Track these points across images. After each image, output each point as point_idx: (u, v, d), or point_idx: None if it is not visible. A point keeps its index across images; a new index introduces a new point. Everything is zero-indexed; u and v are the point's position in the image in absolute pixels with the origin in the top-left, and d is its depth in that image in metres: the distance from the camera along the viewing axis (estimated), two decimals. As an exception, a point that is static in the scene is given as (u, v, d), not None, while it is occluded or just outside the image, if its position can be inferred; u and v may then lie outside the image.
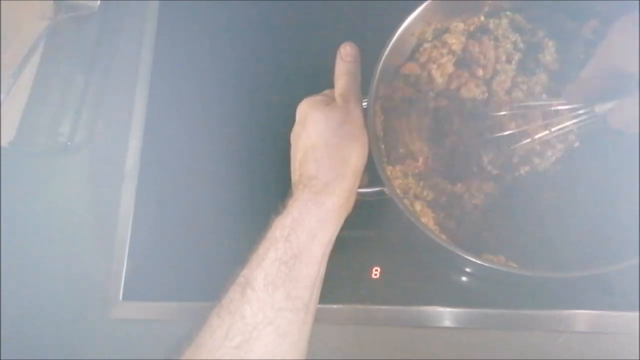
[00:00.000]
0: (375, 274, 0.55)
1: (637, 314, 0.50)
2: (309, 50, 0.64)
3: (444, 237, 0.47)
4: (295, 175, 0.47)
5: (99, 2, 0.68)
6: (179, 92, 0.67)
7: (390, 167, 0.50)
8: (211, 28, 0.68)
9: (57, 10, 0.67)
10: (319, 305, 0.44)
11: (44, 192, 0.68)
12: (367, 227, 0.56)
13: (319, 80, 0.52)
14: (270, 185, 0.59)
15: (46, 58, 0.67)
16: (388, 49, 0.49)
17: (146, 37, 0.69)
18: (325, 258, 0.44)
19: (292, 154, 0.49)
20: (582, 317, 0.51)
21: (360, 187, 0.47)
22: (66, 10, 0.68)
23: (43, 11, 0.67)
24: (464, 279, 0.54)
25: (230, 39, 0.67)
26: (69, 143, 0.67)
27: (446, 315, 0.53)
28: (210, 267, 0.59)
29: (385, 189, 0.46)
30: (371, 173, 0.48)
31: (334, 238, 0.44)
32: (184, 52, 0.68)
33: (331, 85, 0.50)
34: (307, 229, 0.42)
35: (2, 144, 0.65)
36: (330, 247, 0.44)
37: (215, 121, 0.65)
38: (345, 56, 0.50)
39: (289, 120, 0.50)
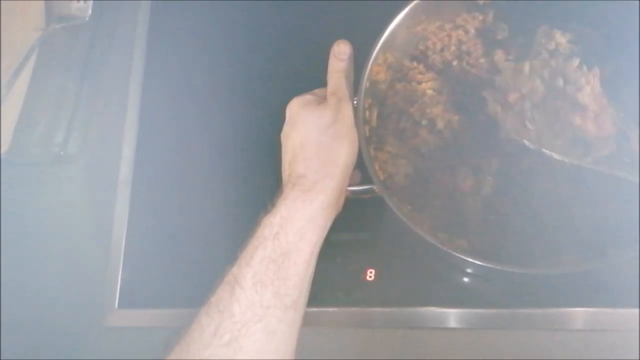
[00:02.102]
0: (370, 276, 0.55)
1: (637, 310, 0.49)
2: (299, 50, 0.64)
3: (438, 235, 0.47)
4: (284, 175, 0.47)
5: (90, 11, 0.69)
6: (171, 99, 0.67)
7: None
8: (203, 35, 0.69)
9: (48, 21, 0.68)
10: (315, 309, 0.44)
11: (39, 202, 0.68)
12: (360, 229, 0.56)
13: (309, 80, 0.51)
14: (265, 189, 0.58)
15: (38, 69, 0.67)
16: (378, 46, 0.49)
17: (138, 45, 0.69)
18: (314, 256, 0.43)
19: (282, 153, 0.48)
20: (579, 314, 0.50)
21: (351, 185, 0.47)
22: (58, 20, 0.68)
23: (35, 22, 0.67)
24: (459, 278, 0.53)
25: (222, 46, 0.67)
26: (62, 153, 0.67)
27: (442, 315, 0.52)
28: (205, 272, 0.56)
29: (375, 187, 0.46)
30: (363, 172, 0.48)
31: (323, 237, 0.44)
32: (176, 59, 0.68)
33: (322, 84, 0.50)
34: (296, 228, 0.42)
35: (-3, 155, 0.65)
36: (319, 246, 0.44)
37: (207, 127, 0.65)
38: (339, 54, 0.49)
39: (280, 123, 0.49)
